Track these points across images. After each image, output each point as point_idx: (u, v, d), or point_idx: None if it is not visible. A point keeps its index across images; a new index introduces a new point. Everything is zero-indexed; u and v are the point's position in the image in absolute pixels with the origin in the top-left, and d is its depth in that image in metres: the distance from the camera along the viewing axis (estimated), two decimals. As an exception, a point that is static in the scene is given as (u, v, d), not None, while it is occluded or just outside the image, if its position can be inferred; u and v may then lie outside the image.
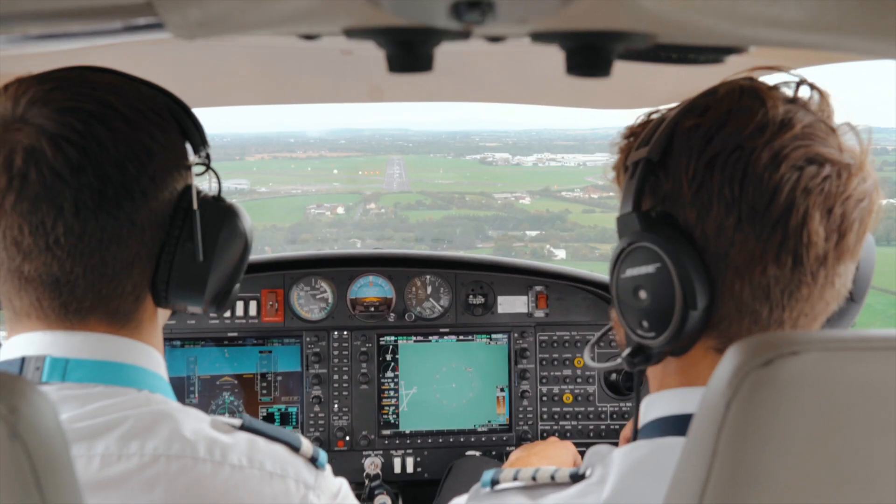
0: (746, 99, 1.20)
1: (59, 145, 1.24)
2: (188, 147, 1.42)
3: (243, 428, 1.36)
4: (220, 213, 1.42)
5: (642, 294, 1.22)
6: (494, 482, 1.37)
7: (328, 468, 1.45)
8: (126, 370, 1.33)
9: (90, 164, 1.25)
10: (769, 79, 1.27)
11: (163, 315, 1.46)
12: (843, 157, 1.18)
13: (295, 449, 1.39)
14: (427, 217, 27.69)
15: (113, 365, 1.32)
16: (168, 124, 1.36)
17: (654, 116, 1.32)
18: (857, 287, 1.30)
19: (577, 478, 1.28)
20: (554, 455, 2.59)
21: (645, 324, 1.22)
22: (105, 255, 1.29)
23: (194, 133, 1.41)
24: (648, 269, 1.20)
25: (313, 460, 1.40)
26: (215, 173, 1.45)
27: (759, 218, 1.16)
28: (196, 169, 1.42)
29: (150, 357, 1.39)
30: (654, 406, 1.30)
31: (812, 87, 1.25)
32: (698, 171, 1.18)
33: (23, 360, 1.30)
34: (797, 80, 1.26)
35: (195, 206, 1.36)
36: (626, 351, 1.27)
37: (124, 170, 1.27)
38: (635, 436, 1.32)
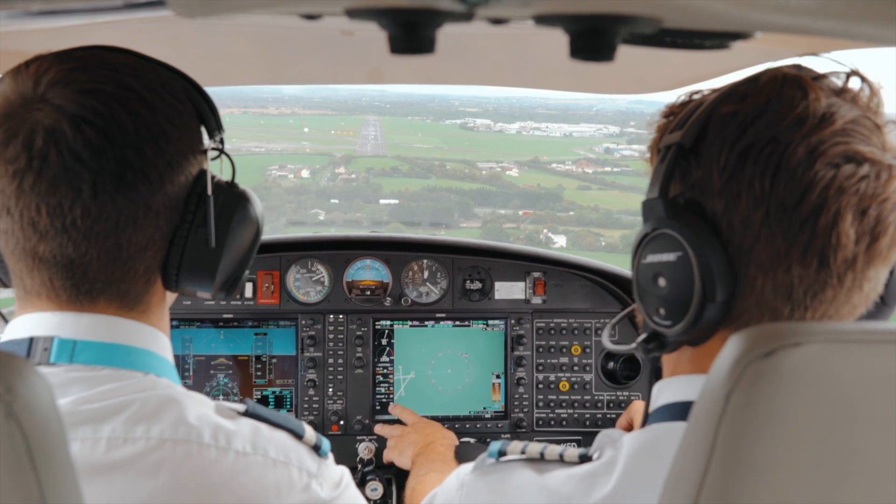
0: (788, 89, 1.16)
1: (79, 127, 1.24)
2: (203, 131, 1.42)
3: (247, 414, 1.37)
4: (233, 198, 1.42)
5: (661, 282, 1.20)
6: (502, 453, 1.38)
7: (330, 456, 1.45)
8: (133, 353, 1.34)
9: (110, 147, 1.25)
10: (819, 66, 1.23)
11: (171, 298, 1.47)
12: (884, 156, 1.15)
13: (298, 436, 1.39)
14: (403, 187, 24.99)
15: (120, 347, 1.33)
16: (185, 107, 1.36)
17: (696, 97, 1.29)
18: (890, 290, 1.28)
19: (585, 458, 1.28)
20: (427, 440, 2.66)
21: (662, 311, 1.21)
22: (120, 239, 1.29)
23: (210, 117, 1.41)
24: (669, 257, 1.19)
25: (316, 448, 1.41)
26: (229, 158, 1.45)
27: (787, 215, 1.13)
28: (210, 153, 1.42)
29: (158, 340, 1.40)
30: (665, 391, 1.30)
31: (863, 78, 1.20)
32: (730, 161, 1.16)
33: (31, 340, 1.30)
34: (847, 70, 1.21)
35: (209, 191, 1.36)
36: (641, 336, 1.27)
37: (142, 153, 1.28)
38: (645, 420, 1.32)
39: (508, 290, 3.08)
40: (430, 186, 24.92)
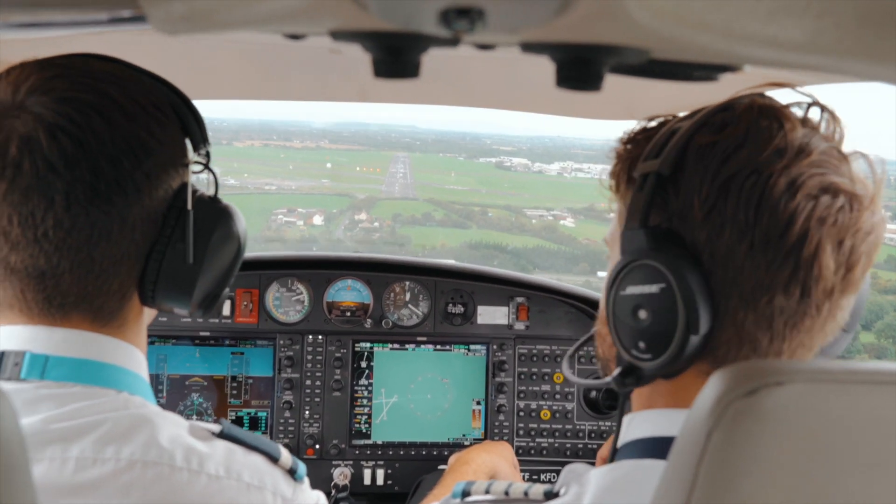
0: (764, 119, 1.17)
1: (55, 135, 1.22)
2: (188, 143, 1.39)
3: (222, 435, 1.35)
4: (214, 214, 1.40)
5: (642, 314, 1.18)
6: (466, 493, 1.36)
7: (306, 481, 1.43)
8: (106, 370, 1.31)
9: (84, 157, 1.23)
10: (779, 96, 1.25)
11: (149, 314, 1.45)
12: (855, 187, 1.16)
13: (274, 460, 1.37)
14: (438, 241, 20.02)
15: (93, 364, 1.30)
16: (168, 119, 1.34)
17: (652, 124, 1.29)
18: (849, 318, 1.28)
19: (550, 495, 1.26)
20: (487, 461, 2.54)
21: (641, 345, 1.19)
22: (93, 252, 1.27)
23: (195, 129, 1.40)
24: (651, 288, 1.17)
25: (292, 472, 1.39)
26: (213, 172, 1.43)
27: (772, 246, 1.13)
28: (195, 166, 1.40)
29: (133, 357, 1.37)
30: (636, 426, 1.27)
31: (824, 109, 1.23)
32: (712, 192, 1.15)
33: (2, 354, 1.28)
34: (809, 100, 1.23)
35: (190, 206, 1.34)
36: (617, 371, 1.24)
37: (118, 165, 1.25)
38: (613, 455, 1.29)
39: (491, 315, 3.06)
40: (471, 241, 20.21)
